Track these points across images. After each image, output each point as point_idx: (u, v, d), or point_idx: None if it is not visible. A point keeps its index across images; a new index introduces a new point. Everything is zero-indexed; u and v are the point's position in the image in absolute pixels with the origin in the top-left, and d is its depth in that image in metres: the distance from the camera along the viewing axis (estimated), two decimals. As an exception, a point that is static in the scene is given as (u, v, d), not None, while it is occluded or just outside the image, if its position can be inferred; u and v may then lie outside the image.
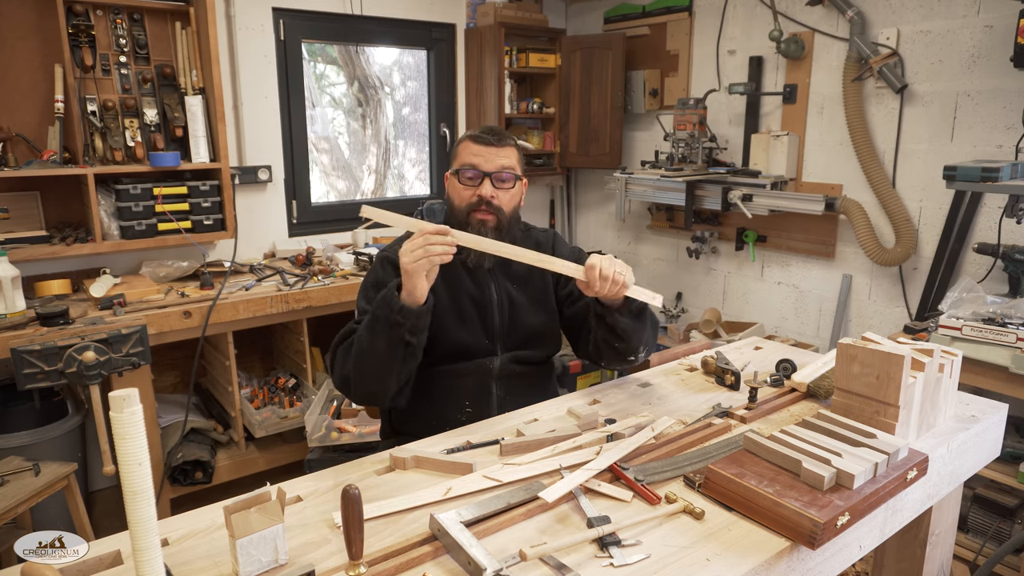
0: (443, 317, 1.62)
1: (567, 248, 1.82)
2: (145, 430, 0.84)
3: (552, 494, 1.12)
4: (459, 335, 1.65)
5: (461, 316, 1.66)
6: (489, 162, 1.63)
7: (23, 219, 2.74)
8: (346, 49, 3.88)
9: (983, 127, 2.70)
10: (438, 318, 1.62)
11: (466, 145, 1.66)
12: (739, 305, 3.77)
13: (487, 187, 1.62)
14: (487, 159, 1.63)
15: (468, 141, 1.65)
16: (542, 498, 1.12)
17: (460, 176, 1.65)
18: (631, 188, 3.73)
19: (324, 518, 1.15)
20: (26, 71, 2.69)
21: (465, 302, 1.67)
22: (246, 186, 3.32)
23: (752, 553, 1.04)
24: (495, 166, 1.63)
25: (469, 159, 1.63)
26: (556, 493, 1.13)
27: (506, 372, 1.69)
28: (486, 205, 1.62)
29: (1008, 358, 2.04)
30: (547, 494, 1.12)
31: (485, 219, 1.63)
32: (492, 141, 1.64)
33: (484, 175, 1.62)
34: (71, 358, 2.23)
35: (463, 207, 1.64)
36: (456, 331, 1.64)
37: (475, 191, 1.63)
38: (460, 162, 1.65)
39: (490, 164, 1.63)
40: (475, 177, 1.63)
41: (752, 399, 1.53)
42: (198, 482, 2.82)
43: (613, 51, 3.94)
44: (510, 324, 1.70)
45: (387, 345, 1.41)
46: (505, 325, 1.70)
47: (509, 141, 1.67)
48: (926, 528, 1.52)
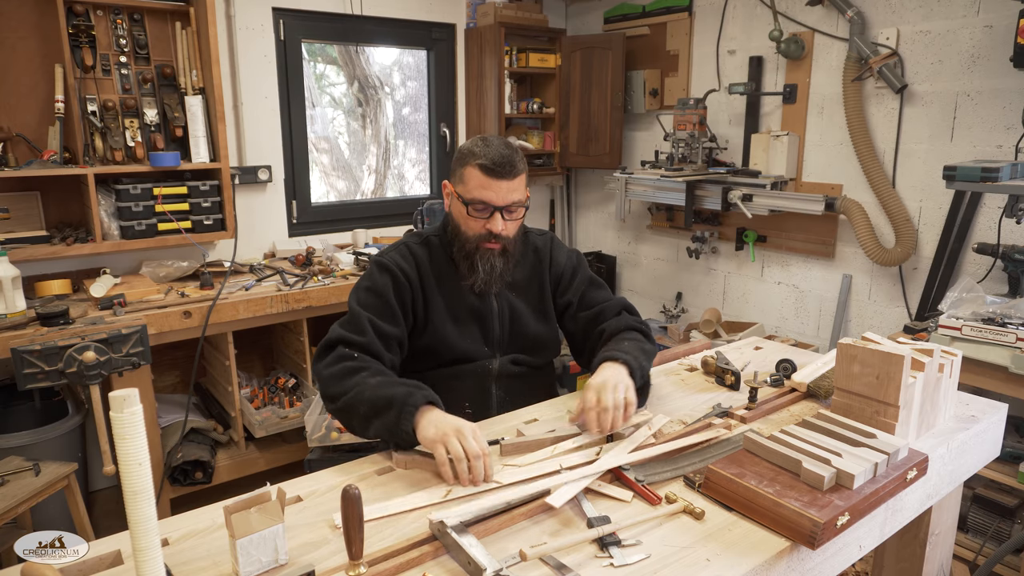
0: (442, 326, 1.62)
1: (564, 253, 1.79)
2: (145, 430, 0.84)
3: (559, 499, 1.12)
4: (458, 343, 1.63)
5: (460, 325, 1.64)
6: (501, 197, 1.56)
7: (23, 219, 2.74)
8: (346, 49, 3.88)
9: (983, 127, 2.70)
10: (437, 327, 1.61)
11: (476, 175, 1.56)
12: (739, 305, 3.77)
13: (498, 222, 1.57)
14: (499, 194, 1.56)
15: (478, 171, 1.55)
16: (549, 503, 1.11)
17: (469, 208, 1.58)
18: (631, 188, 3.73)
19: (324, 518, 1.15)
20: (26, 71, 2.69)
21: (465, 312, 1.65)
22: (246, 186, 3.32)
23: (752, 553, 1.04)
24: (507, 201, 1.57)
25: (480, 194, 1.56)
26: (563, 498, 1.12)
27: (506, 373, 1.69)
28: (495, 237, 1.59)
29: (1008, 358, 2.04)
30: (554, 499, 1.12)
31: (493, 248, 1.60)
32: (504, 174, 1.55)
33: (495, 209, 1.57)
34: (71, 358, 2.23)
35: (472, 237, 1.60)
36: (455, 339, 1.63)
37: (485, 223, 1.58)
38: (470, 194, 1.57)
39: (501, 199, 1.56)
40: (485, 210, 1.57)
41: (752, 399, 1.53)
42: (198, 482, 2.82)
43: (613, 51, 3.94)
44: (510, 332, 1.69)
45: (375, 435, 1.38)
46: (505, 333, 1.69)
47: (520, 170, 1.58)
48: (926, 528, 1.52)
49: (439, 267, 1.66)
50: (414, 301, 1.62)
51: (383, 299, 1.57)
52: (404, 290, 1.60)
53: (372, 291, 1.58)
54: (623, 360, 1.47)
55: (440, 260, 1.66)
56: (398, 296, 1.59)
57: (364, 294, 1.59)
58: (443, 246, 1.68)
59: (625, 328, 1.65)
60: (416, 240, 1.70)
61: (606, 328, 1.66)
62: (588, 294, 1.75)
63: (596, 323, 1.70)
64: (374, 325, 1.53)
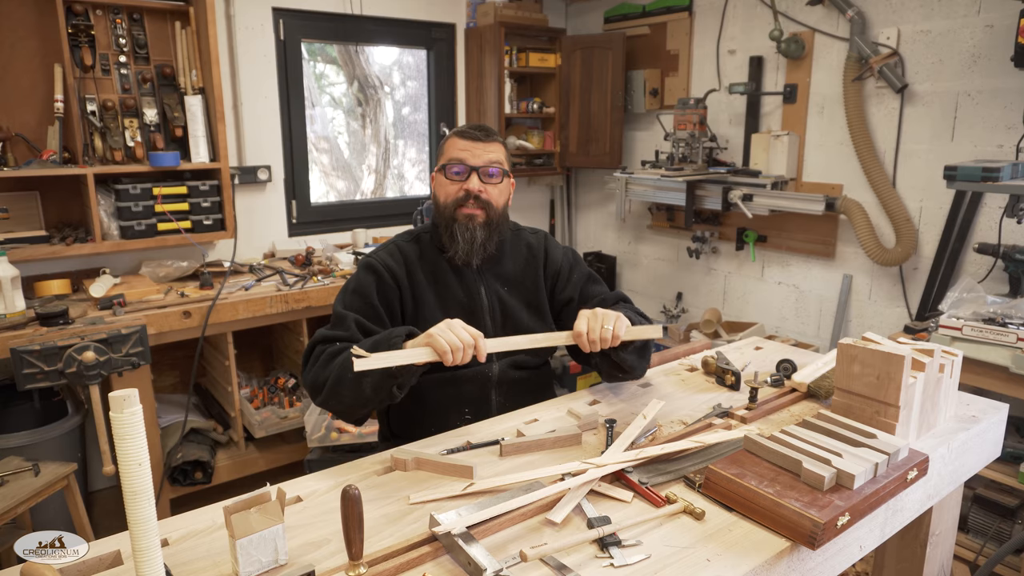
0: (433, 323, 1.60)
1: (559, 250, 1.79)
2: (145, 430, 0.84)
3: (558, 514, 1.10)
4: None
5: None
6: (476, 157, 1.61)
7: (23, 219, 2.74)
8: (346, 49, 3.87)
9: (983, 127, 2.70)
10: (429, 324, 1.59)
11: (452, 141, 1.64)
12: (739, 305, 3.77)
13: (474, 181, 1.61)
14: (474, 154, 1.61)
15: (455, 137, 1.64)
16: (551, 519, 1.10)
17: (447, 171, 1.62)
18: (631, 188, 3.73)
19: (324, 518, 1.15)
20: (26, 71, 2.69)
21: (454, 308, 1.64)
22: (246, 186, 3.32)
23: (752, 553, 1.03)
24: (482, 160, 1.61)
25: (456, 154, 1.62)
26: (562, 513, 1.11)
27: (506, 379, 1.68)
28: (474, 199, 1.60)
29: (1008, 358, 2.04)
30: (554, 515, 1.10)
31: (473, 213, 1.61)
32: (479, 136, 1.62)
33: (471, 169, 1.61)
34: (71, 358, 2.23)
35: (449, 203, 1.62)
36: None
37: (462, 185, 1.61)
38: (447, 158, 1.64)
39: (477, 159, 1.61)
40: (462, 172, 1.61)
41: (752, 399, 1.53)
42: (198, 482, 2.82)
43: (613, 51, 3.94)
44: (503, 330, 1.67)
45: (372, 388, 1.36)
46: (498, 331, 1.67)
47: (496, 137, 1.66)
48: (926, 528, 1.52)
49: (430, 263, 1.66)
50: (402, 300, 1.62)
51: (367, 300, 1.57)
52: (389, 290, 1.60)
53: (356, 292, 1.58)
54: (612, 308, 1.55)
55: (430, 256, 1.67)
56: (382, 296, 1.59)
57: (349, 296, 1.59)
58: (433, 241, 1.69)
59: (614, 302, 1.71)
60: (406, 238, 1.71)
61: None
62: (587, 289, 1.75)
63: None
64: (358, 323, 1.52)
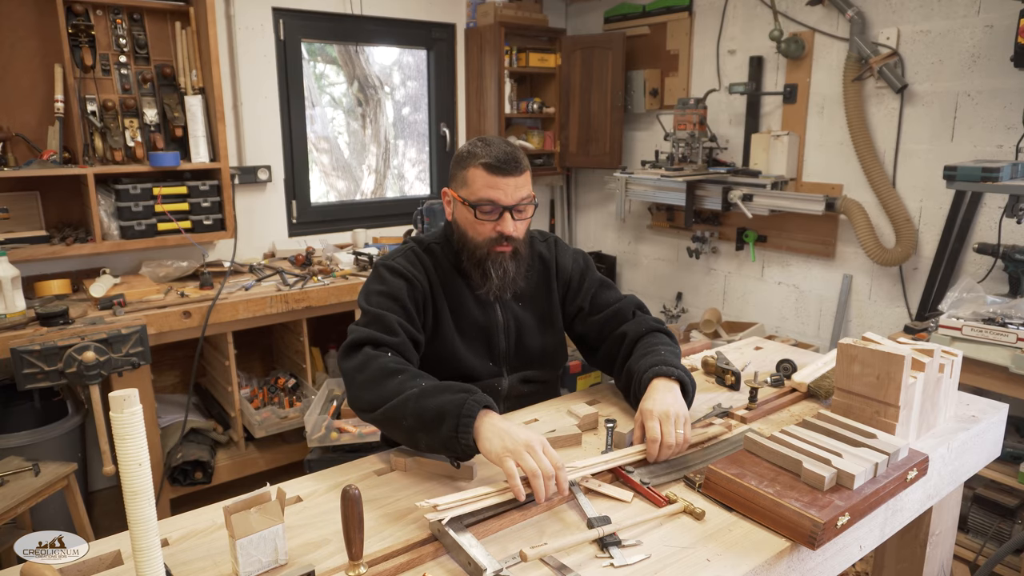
0: (450, 337, 1.56)
1: (569, 257, 1.73)
2: (145, 430, 0.84)
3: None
4: (464, 356, 1.58)
5: (466, 339, 1.59)
6: (509, 196, 1.49)
7: (23, 219, 2.74)
8: (346, 49, 3.87)
9: (983, 127, 2.70)
10: (446, 337, 1.56)
11: (479, 174, 1.49)
12: (739, 305, 3.77)
13: (508, 223, 1.50)
14: (506, 193, 1.49)
15: (482, 170, 1.48)
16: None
17: (477, 211, 1.50)
18: (631, 188, 3.73)
19: (324, 518, 1.15)
20: (26, 71, 2.69)
21: (470, 326, 1.59)
22: (246, 186, 3.32)
23: (752, 553, 1.04)
24: (515, 199, 1.50)
25: (487, 193, 1.49)
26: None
27: (515, 393, 1.66)
28: (507, 239, 1.52)
29: (1008, 358, 2.04)
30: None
31: (505, 251, 1.54)
32: (510, 171, 1.48)
33: (504, 209, 1.50)
34: (71, 358, 2.23)
35: (482, 242, 1.53)
36: (462, 352, 1.58)
37: (495, 226, 1.51)
38: (476, 195, 1.50)
39: (510, 198, 1.49)
40: (494, 212, 1.50)
41: (752, 399, 1.53)
42: (198, 482, 2.82)
43: (613, 51, 3.94)
44: (516, 346, 1.64)
45: (425, 446, 1.27)
46: (511, 348, 1.63)
47: (524, 165, 1.52)
48: (926, 528, 1.52)
49: (444, 277, 1.60)
50: (425, 307, 1.56)
51: (400, 302, 1.49)
52: (419, 294, 1.54)
53: (388, 295, 1.50)
54: (676, 376, 1.41)
55: (444, 270, 1.60)
56: (413, 300, 1.52)
57: (380, 297, 1.50)
58: (446, 256, 1.61)
59: (647, 331, 1.60)
60: (419, 248, 1.63)
61: (627, 332, 1.60)
62: (599, 297, 1.69)
63: (612, 325, 1.64)
64: (403, 326, 1.45)
